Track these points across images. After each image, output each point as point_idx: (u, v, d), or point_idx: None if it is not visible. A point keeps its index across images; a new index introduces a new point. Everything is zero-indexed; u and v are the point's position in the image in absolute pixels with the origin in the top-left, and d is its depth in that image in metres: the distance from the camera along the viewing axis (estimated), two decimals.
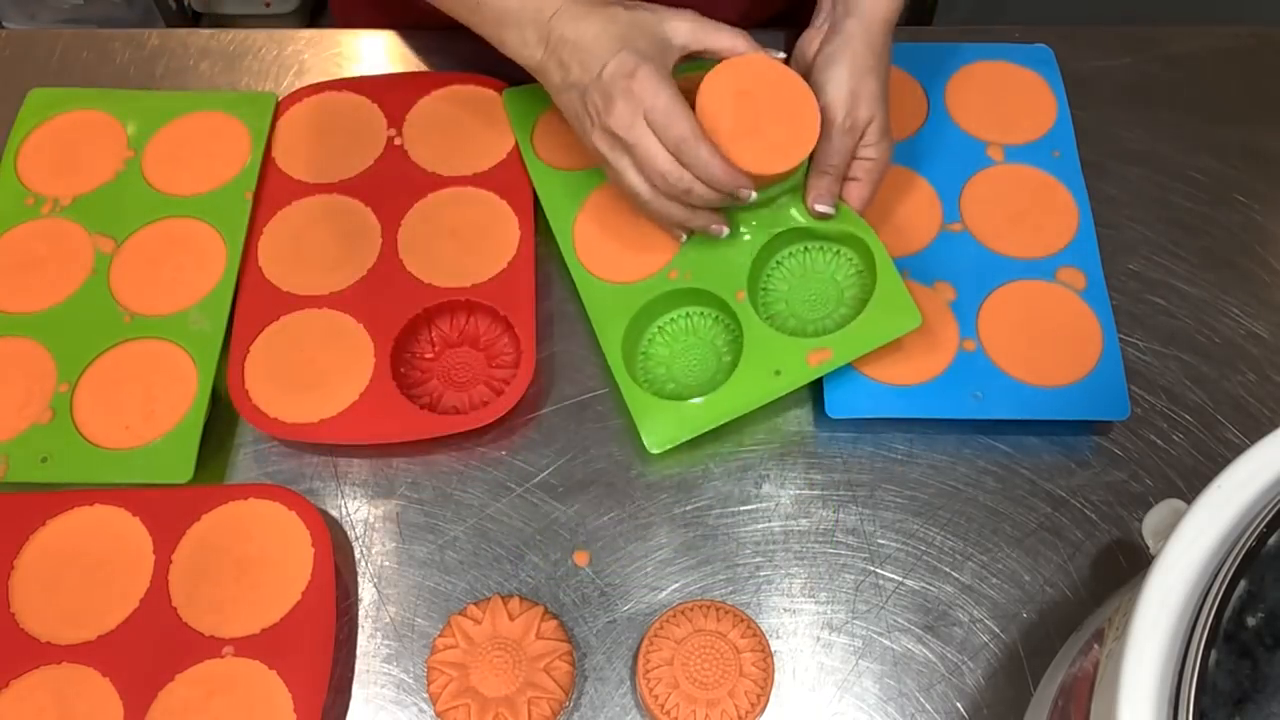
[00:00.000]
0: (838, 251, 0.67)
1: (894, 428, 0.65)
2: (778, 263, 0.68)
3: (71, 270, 0.69)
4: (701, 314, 0.67)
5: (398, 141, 0.74)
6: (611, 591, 0.61)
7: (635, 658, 0.57)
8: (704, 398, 0.63)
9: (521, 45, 0.62)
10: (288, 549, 0.60)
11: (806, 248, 0.68)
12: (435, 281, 0.68)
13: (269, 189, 0.72)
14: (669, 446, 0.62)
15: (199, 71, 0.80)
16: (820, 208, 0.64)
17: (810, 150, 0.62)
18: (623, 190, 0.63)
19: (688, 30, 0.61)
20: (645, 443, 0.62)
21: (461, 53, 0.79)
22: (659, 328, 0.67)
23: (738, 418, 0.62)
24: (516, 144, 0.73)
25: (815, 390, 0.67)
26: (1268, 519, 0.36)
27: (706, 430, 0.62)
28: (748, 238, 0.66)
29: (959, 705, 0.58)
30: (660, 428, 0.63)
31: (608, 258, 0.69)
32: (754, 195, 0.61)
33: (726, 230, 0.65)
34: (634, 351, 0.66)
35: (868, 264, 0.65)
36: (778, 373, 0.63)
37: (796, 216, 0.66)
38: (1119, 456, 0.65)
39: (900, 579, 0.61)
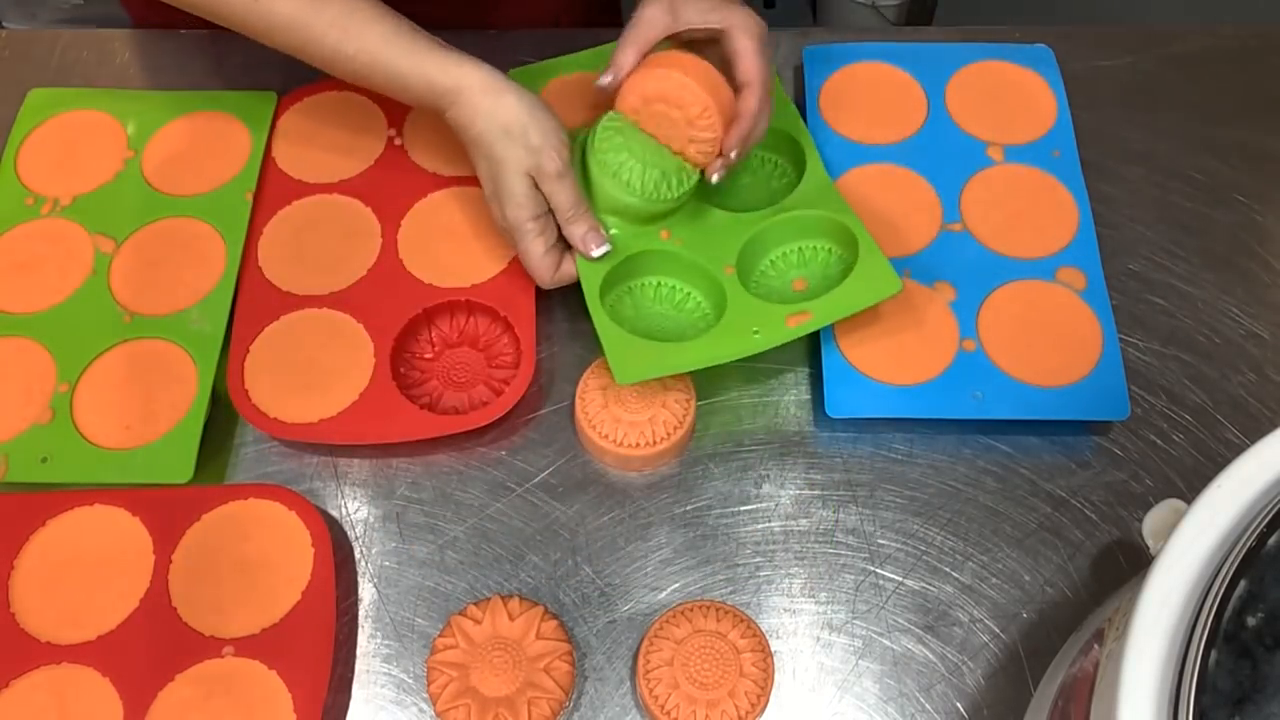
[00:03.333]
0: (829, 250, 0.68)
1: (894, 428, 0.65)
2: (771, 261, 0.69)
3: (71, 270, 0.69)
4: (674, 287, 0.68)
5: (398, 141, 0.74)
6: (611, 591, 0.61)
7: (635, 658, 0.57)
8: (681, 342, 0.63)
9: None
10: (288, 549, 0.60)
11: (800, 248, 0.68)
12: (435, 281, 0.68)
13: (269, 189, 0.72)
14: (635, 380, 0.62)
15: (199, 71, 0.80)
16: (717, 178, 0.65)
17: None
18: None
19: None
20: (614, 374, 0.61)
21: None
22: (629, 288, 0.67)
23: (707, 368, 0.62)
24: None
25: (815, 390, 0.67)
26: (1268, 519, 0.36)
27: (675, 372, 0.62)
28: (741, 223, 0.68)
29: (959, 705, 0.58)
30: (630, 362, 0.62)
31: None
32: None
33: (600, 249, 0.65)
34: (609, 292, 0.66)
35: (856, 257, 0.66)
36: (756, 332, 0.63)
37: (791, 206, 0.68)
38: (1119, 456, 0.65)
39: (900, 579, 0.61)
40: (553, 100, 0.74)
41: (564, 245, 0.65)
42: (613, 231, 0.66)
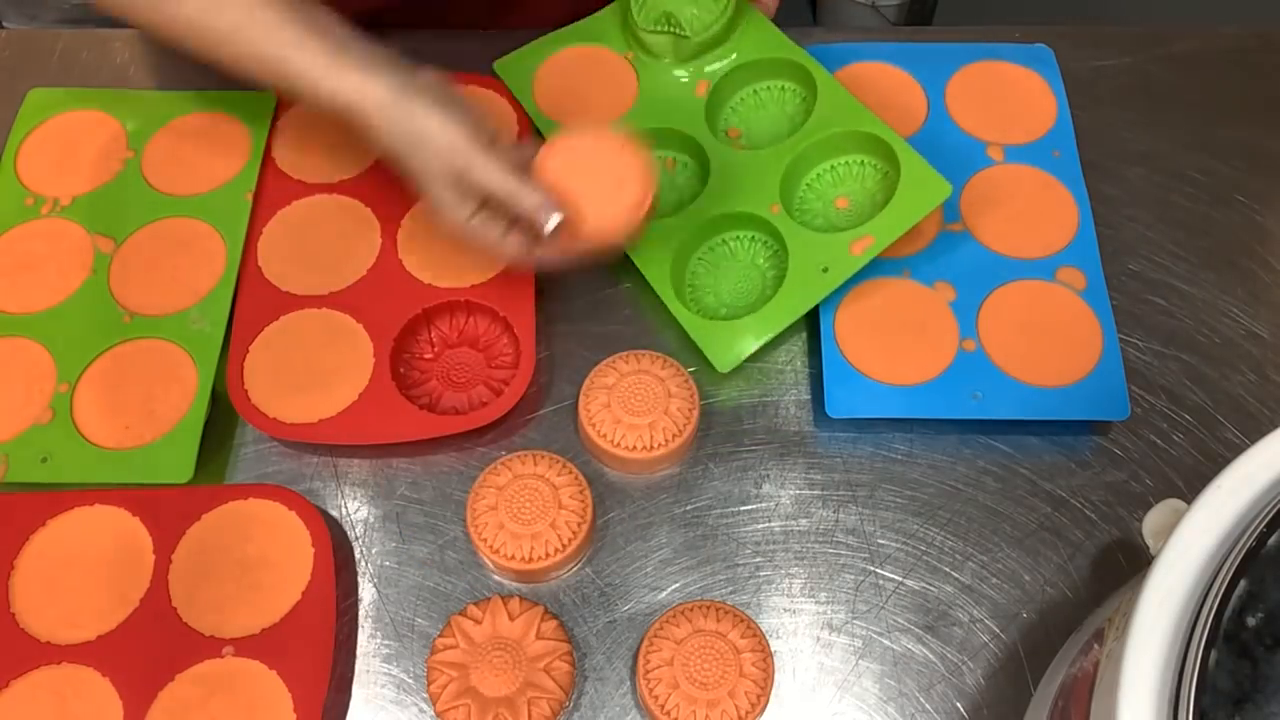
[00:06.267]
0: (862, 163, 0.70)
1: (894, 428, 0.65)
2: (808, 185, 0.70)
3: (71, 270, 0.69)
4: (738, 238, 0.70)
5: None
6: (611, 591, 0.61)
7: (635, 658, 0.57)
8: (760, 310, 0.65)
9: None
10: (288, 549, 0.60)
11: (832, 166, 0.70)
12: (435, 281, 0.68)
13: (269, 189, 0.72)
14: (737, 363, 0.65)
15: (199, 71, 0.79)
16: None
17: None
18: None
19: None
20: (715, 364, 0.65)
21: (461, 53, 0.78)
22: (699, 258, 0.70)
23: (794, 321, 0.65)
24: (520, 120, 0.74)
25: (815, 390, 0.67)
26: (1268, 519, 0.36)
27: (771, 338, 0.65)
28: (771, 160, 0.69)
29: (959, 705, 0.58)
30: (725, 348, 0.65)
31: None
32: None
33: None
34: (681, 285, 0.69)
35: (892, 164, 0.67)
36: (825, 270, 0.65)
37: (815, 129, 0.70)
38: (1119, 456, 0.65)
39: (900, 579, 0.61)
40: (549, 79, 0.77)
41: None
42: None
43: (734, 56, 0.74)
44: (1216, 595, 0.36)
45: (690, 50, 0.73)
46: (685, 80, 0.74)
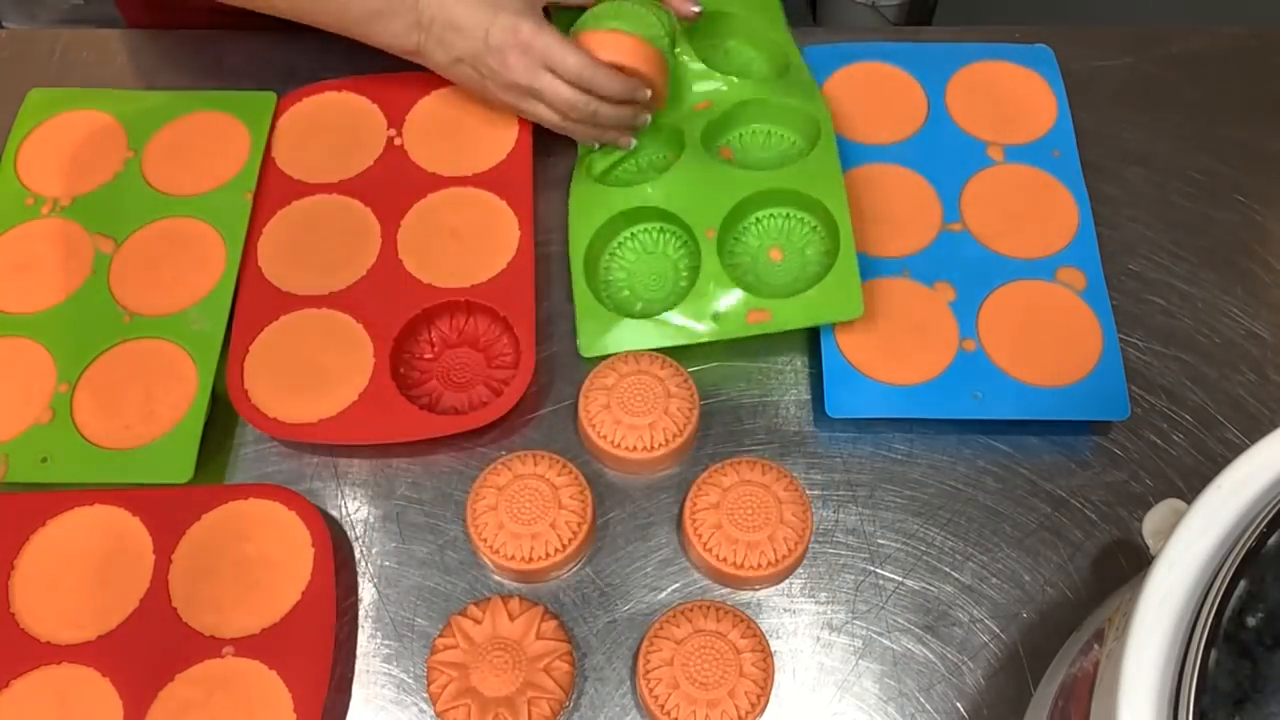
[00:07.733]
0: (814, 228, 0.69)
1: (894, 428, 0.65)
2: (757, 219, 0.70)
3: (71, 270, 0.69)
4: (674, 232, 0.70)
5: (398, 141, 0.74)
6: (611, 591, 0.61)
7: (635, 658, 0.57)
8: (643, 320, 0.66)
9: (395, 36, 0.67)
10: (288, 549, 0.60)
11: (789, 214, 0.70)
12: (435, 282, 0.68)
13: (269, 189, 0.72)
14: (596, 354, 0.66)
15: (199, 71, 0.80)
16: (694, 9, 0.72)
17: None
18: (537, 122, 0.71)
19: None
20: (580, 344, 0.66)
21: None
22: (631, 234, 0.70)
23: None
24: (517, 142, 0.73)
25: (815, 390, 0.67)
26: (1268, 519, 0.36)
27: (633, 349, 0.65)
28: (735, 182, 0.69)
29: (959, 705, 0.58)
30: (596, 335, 0.66)
31: None
32: (648, 93, 0.69)
33: (633, 141, 0.72)
34: (600, 254, 0.70)
35: (837, 249, 0.66)
36: (715, 318, 0.65)
37: (788, 179, 0.69)
38: (1119, 456, 0.65)
39: (900, 579, 0.61)
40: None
41: None
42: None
43: (752, 89, 0.73)
44: (1216, 595, 0.36)
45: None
46: (698, 91, 0.74)
